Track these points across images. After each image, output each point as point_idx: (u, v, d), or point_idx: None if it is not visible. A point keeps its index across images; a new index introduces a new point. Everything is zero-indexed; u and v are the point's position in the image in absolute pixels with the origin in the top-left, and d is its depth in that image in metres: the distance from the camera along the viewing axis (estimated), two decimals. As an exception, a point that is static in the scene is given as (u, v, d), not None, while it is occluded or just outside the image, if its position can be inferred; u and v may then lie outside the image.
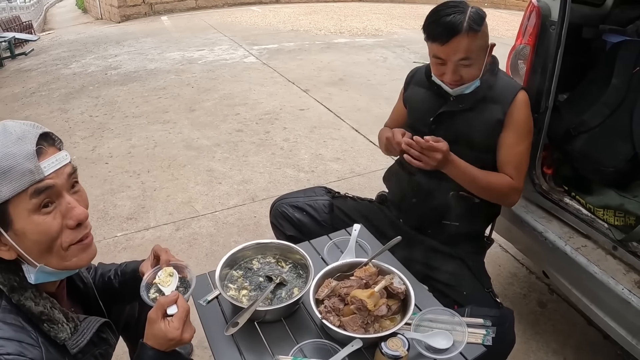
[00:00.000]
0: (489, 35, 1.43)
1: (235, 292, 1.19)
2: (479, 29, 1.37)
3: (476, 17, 1.37)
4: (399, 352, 0.96)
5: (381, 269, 1.18)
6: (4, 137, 0.82)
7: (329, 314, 1.05)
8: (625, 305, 1.42)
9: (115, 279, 1.26)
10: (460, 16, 1.36)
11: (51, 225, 0.85)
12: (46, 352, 0.86)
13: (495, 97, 1.49)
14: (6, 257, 0.85)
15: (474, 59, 1.40)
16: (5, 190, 0.79)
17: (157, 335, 0.93)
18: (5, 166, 0.79)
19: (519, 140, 1.49)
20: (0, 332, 0.82)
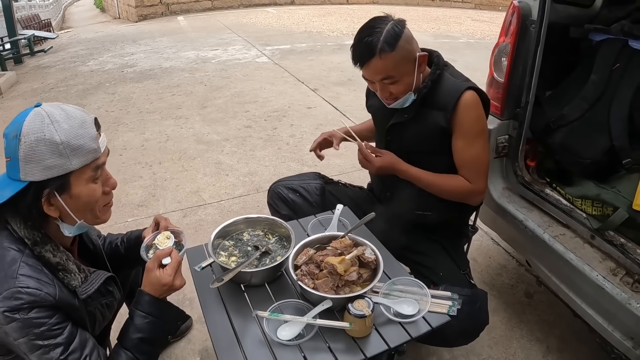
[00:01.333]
0: (413, 47, 1.42)
1: (225, 258, 1.33)
2: (392, 49, 1.36)
3: (389, 37, 1.36)
4: (364, 312, 1.07)
5: (356, 241, 1.29)
6: (70, 121, 1.00)
7: (305, 277, 1.17)
8: (600, 292, 1.49)
9: (122, 245, 1.44)
10: (372, 38, 1.36)
11: (97, 191, 1.07)
12: (59, 292, 1.01)
13: (438, 104, 1.48)
14: (52, 215, 1.03)
15: (397, 76, 1.41)
16: (75, 162, 0.99)
17: (153, 281, 1.10)
18: (76, 145, 0.99)
19: (469, 143, 1.48)
20: (22, 270, 0.98)
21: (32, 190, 0.99)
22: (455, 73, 1.55)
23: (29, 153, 0.96)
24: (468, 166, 1.51)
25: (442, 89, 1.48)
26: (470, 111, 1.46)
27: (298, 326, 1.10)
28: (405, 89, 1.45)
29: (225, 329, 1.16)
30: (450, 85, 1.48)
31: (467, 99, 1.45)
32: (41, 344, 0.97)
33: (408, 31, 1.42)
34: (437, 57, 1.54)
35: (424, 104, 1.50)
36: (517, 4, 1.71)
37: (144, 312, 1.11)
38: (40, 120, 0.97)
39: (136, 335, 1.10)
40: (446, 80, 1.50)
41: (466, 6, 13.85)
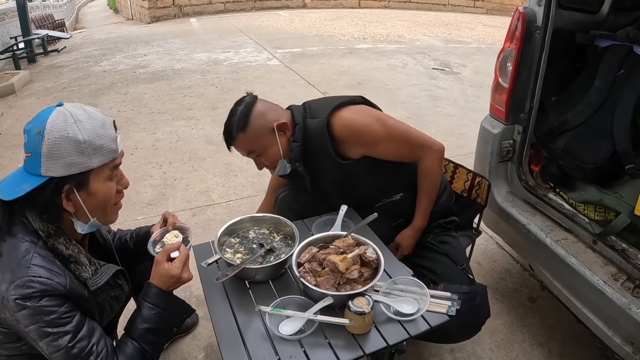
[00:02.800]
0: (267, 119, 1.49)
1: (231, 255, 1.37)
2: (244, 130, 1.47)
3: (240, 122, 1.47)
4: (363, 309, 1.10)
5: (359, 241, 1.33)
6: (92, 121, 1.05)
7: (307, 274, 1.20)
8: (601, 296, 1.50)
9: (131, 240, 1.49)
10: (229, 125, 1.50)
11: (112, 190, 1.13)
12: (70, 282, 1.06)
13: (315, 153, 1.54)
14: (69, 209, 1.08)
15: (259, 150, 1.51)
16: (95, 161, 1.05)
17: (161, 273, 1.15)
18: (98, 144, 1.05)
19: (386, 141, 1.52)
20: (35, 260, 1.02)
21: (53, 185, 1.03)
22: (315, 110, 1.57)
23: (52, 149, 1.00)
24: (408, 150, 1.56)
25: (311, 139, 1.53)
26: (355, 128, 1.49)
27: (299, 322, 1.13)
28: (272, 158, 1.53)
29: (228, 323, 1.20)
30: (313, 130, 1.52)
31: (340, 126, 1.49)
32: (50, 331, 1.01)
33: (261, 105, 1.51)
34: (292, 112, 1.58)
35: (307, 162, 1.56)
36: (522, 10, 1.73)
37: (151, 303, 1.16)
38: (64, 119, 1.02)
39: (143, 326, 1.14)
40: (309, 128, 1.53)
41: (478, 11, 13.82)
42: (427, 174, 1.60)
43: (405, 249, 1.66)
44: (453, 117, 4.67)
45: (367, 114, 1.54)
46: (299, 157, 1.53)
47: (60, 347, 1.02)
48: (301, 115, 1.55)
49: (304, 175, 1.59)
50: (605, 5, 2.01)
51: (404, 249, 1.66)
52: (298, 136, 1.52)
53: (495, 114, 1.98)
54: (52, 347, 1.02)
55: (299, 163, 1.54)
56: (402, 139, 1.55)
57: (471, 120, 4.46)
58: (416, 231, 1.65)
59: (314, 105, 1.59)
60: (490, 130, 1.96)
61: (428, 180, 1.61)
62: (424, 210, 1.64)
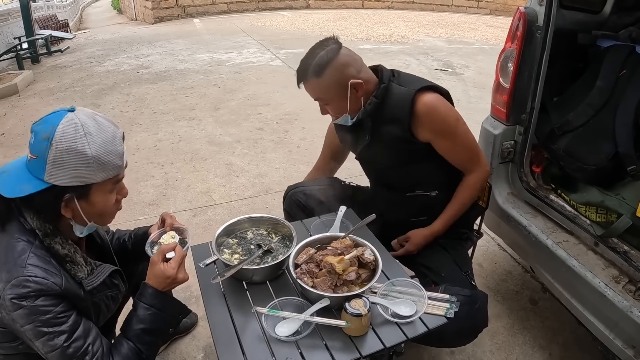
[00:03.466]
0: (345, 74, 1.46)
1: (228, 255, 1.37)
2: (319, 76, 1.44)
3: (317, 65, 1.44)
4: (360, 311, 1.09)
5: (357, 242, 1.32)
6: (102, 134, 1.05)
7: (304, 275, 1.20)
8: (602, 299, 1.49)
9: (129, 241, 1.49)
10: (307, 64, 1.46)
11: (112, 201, 1.13)
12: (66, 282, 1.06)
13: (391, 117, 1.52)
14: (66, 215, 1.08)
15: (326, 100, 1.50)
16: (99, 176, 1.05)
17: (157, 274, 1.15)
18: (105, 160, 1.04)
19: (452, 140, 1.54)
20: (31, 260, 1.02)
21: (54, 193, 1.04)
22: (405, 80, 1.56)
23: (58, 159, 1.00)
24: (465, 158, 1.58)
25: (391, 102, 1.51)
26: (434, 112, 1.49)
27: (296, 323, 1.13)
28: (338, 110, 1.52)
29: (225, 324, 1.19)
30: (398, 95, 1.51)
31: (423, 104, 1.48)
32: (46, 330, 1.01)
33: (343, 57, 1.46)
34: (381, 72, 1.57)
35: (376, 122, 1.54)
36: (523, 9, 1.72)
37: (147, 304, 1.15)
38: (74, 129, 1.01)
39: (138, 326, 1.14)
40: (394, 92, 1.52)
41: (481, 12, 13.79)
42: (468, 188, 1.62)
43: (413, 246, 1.63)
44: (456, 118, 4.65)
45: (450, 108, 1.55)
46: (373, 114, 1.52)
47: (55, 346, 1.02)
48: (388, 78, 1.54)
49: (366, 133, 1.57)
50: (608, 5, 1.99)
51: (412, 245, 1.63)
52: (380, 95, 1.51)
53: (496, 115, 1.96)
54: (47, 346, 1.02)
55: (369, 119, 1.53)
56: (466, 144, 1.57)
57: (474, 121, 4.39)
58: (432, 234, 1.64)
59: (404, 76, 1.59)
60: (491, 131, 1.95)
61: (466, 193, 1.62)
62: (449, 218, 1.63)
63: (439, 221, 1.63)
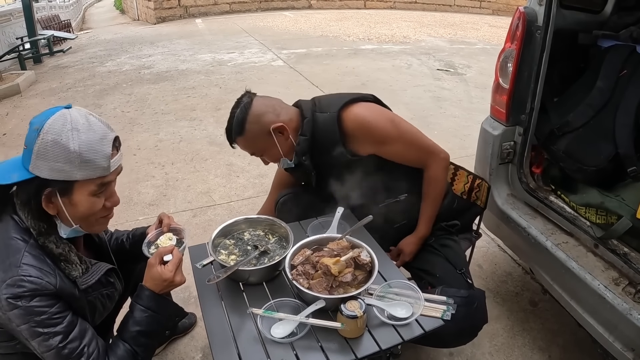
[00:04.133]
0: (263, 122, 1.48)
1: (225, 256, 1.37)
2: (242, 134, 1.48)
3: (237, 126, 1.47)
4: (355, 312, 1.09)
5: (353, 243, 1.31)
6: (91, 134, 1.03)
7: (300, 276, 1.19)
8: (602, 301, 1.48)
9: (127, 241, 1.50)
10: (229, 128, 1.51)
11: (97, 204, 1.10)
12: (60, 281, 1.06)
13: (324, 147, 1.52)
14: (49, 212, 1.07)
15: (259, 151, 1.55)
16: (80, 174, 1.03)
17: (154, 276, 1.15)
18: (87, 158, 1.02)
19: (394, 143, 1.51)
20: (25, 259, 1.03)
21: (36, 184, 1.04)
22: (325, 105, 1.55)
23: (42, 150, 1.00)
24: (416, 156, 1.56)
25: (320, 133, 1.52)
26: (365, 125, 1.49)
27: (291, 324, 1.12)
28: (274, 157, 1.57)
29: (221, 325, 1.19)
30: (323, 124, 1.51)
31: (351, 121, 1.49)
32: (41, 331, 1.01)
33: (257, 108, 1.48)
34: (301, 107, 1.58)
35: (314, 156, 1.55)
36: (522, 9, 1.71)
37: (143, 306, 1.15)
38: (62, 123, 1.01)
39: (135, 328, 1.14)
40: (318, 122, 1.52)
41: (484, 12, 13.76)
42: (433, 182, 1.60)
43: (407, 256, 1.65)
44: (457, 119, 4.64)
45: (379, 113, 1.53)
46: (306, 150, 1.53)
47: (51, 347, 1.03)
48: (310, 110, 1.55)
49: (310, 169, 1.58)
50: (609, 5, 1.98)
51: (406, 255, 1.65)
52: (306, 130, 1.51)
53: (495, 115, 1.95)
54: (43, 346, 1.03)
55: (305, 157, 1.54)
56: (411, 142, 1.55)
57: (475, 121, 4.39)
58: (419, 239, 1.65)
59: (324, 100, 1.59)
60: (490, 131, 1.94)
61: (433, 188, 1.60)
62: (428, 218, 1.63)
63: (421, 224, 1.64)
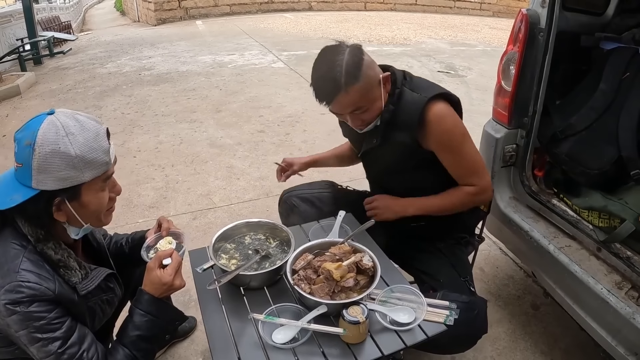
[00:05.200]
0: (375, 70, 1.38)
1: (226, 260, 1.36)
2: (357, 80, 1.32)
3: (351, 68, 1.31)
4: (358, 318, 1.08)
5: (355, 248, 1.30)
6: (85, 133, 1.02)
7: (301, 281, 1.18)
8: (605, 305, 1.47)
9: (126, 245, 1.49)
10: (335, 73, 1.31)
11: (105, 199, 1.11)
12: (59, 287, 1.05)
13: (401, 124, 1.45)
14: (60, 219, 1.07)
15: (366, 105, 1.38)
16: (87, 175, 1.03)
17: (153, 280, 1.14)
18: (90, 158, 1.02)
19: (457, 154, 1.48)
20: (24, 265, 1.02)
21: (45, 199, 1.02)
22: (416, 85, 1.50)
23: (42, 164, 0.98)
24: (467, 174, 1.51)
25: (403, 108, 1.44)
26: (442, 124, 1.43)
27: (293, 330, 1.11)
28: (376, 113, 1.44)
29: (222, 330, 1.18)
30: (411, 102, 1.44)
31: (434, 113, 1.42)
32: (40, 337, 1.00)
33: (367, 56, 1.38)
34: (393, 74, 1.48)
35: (388, 127, 1.48)
36: (525, 12, 1.70)
37: (143, 310, 1.14)
38: (55, 132, 0.99)
39: (134, 333, 1.13)
40: (406, 98, 1.45)
41: (484, 14, 13.77)
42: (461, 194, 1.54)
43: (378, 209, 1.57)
44: (458, 120, 4.63)
45: (457, 122, 1.48)
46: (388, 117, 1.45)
47: (50, 352, 1.02)
48: (400, 81, 1.47)
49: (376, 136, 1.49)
50: (611, 7, 1.97)
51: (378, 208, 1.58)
52: (395, 98, 1.44)
53: (498, 118, 1.94)
54: (42, 352, 1.02)
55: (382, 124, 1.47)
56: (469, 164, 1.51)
57: (476, 123, 4.37)
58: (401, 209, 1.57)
59: (415, 80, 1.52)
60: (492, 134, 1.93)
61: (456, 197, 1.54)
62: (427, 206, 1.56)
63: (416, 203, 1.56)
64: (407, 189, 1.61)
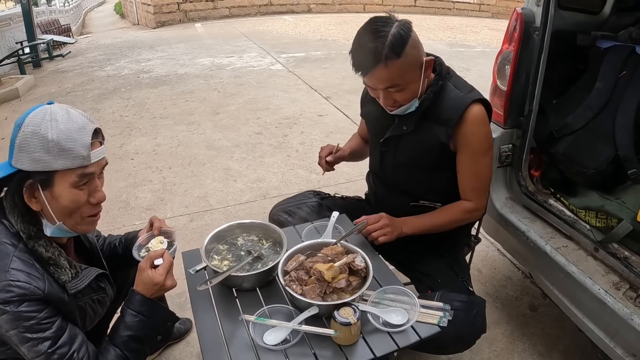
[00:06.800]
0: (420, 52, 1.33)
1: (218, 262, 1.35)
2: (399, 56, 1.26)
3: (396, 42, 1.25)
4: (349, 320, 1.06)
5: (348, 249, 1.29)
6: (69, 123, 1.03)
7: (293, 282, 1.17)
8: (602, 306, 1.45)
9: (119, 245, 1.48)
10: (377, 44, 1.25)
11: (80, 198, 1.08)
12: (49, 286, 1.04)
13: (439, 117, 1.41)
14: (33, 208, 1.06)
15: (402, 84, 1.32)
16: (59, 163, 1.01)
17: (145, 280, 1.13)
18: (66, 147, 1.01)
19: (476, 161, 1.44)
20: (14, 264, 1.02)
21: (18, 178, 1.04)
22: (459, 83, 1.47)
23: (22, 142, 1.01)
24: (472, 184, 1.47)
25: (445, 102, 1.41)
26: (478, 128, 1.40)
27: (284, 331, 1.10)
28: (410, 96, 1.37)
29: (213, 331, 1.17)
30: (453, 98, 1.41)
31: (474, 115, 1.39)
32: (30, 336, 1.00)
33: (415, 34, 1.31)
34: (439, 65, 1.45)
35: (424, 117, 1.44)
36: (520, 10, 1.69)
37: (134, 310, 1.14)
38: (42, 116, 1.02)
39: (126, 333, 1.12)
40: (449, 93, 1.42)
41: (483, 15, 13.78)
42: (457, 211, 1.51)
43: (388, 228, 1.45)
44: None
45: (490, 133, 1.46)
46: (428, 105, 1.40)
47: (40, 352, 1.02)
48: (444, 75, 1.44)
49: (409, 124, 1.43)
50: (607, 5, 1.97)
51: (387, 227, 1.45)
52: (435, 89, 1.40)
53: (493, 118, 1.93)
54: (32, 352, 1.02)
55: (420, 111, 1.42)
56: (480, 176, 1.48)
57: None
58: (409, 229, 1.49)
59: (458, 78, 1.48)
60: (488, 134, 1.92)
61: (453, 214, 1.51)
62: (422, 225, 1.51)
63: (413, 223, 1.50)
64: (419, 191, 1.55)
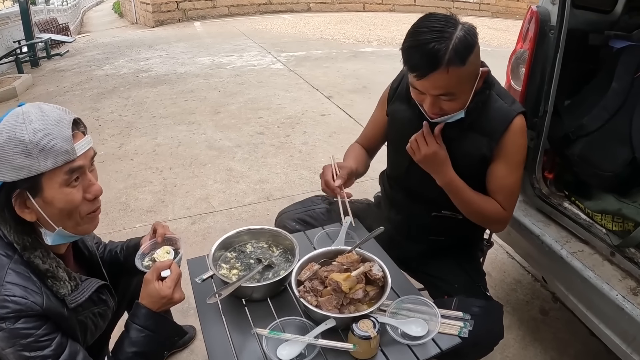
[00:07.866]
0: (479, 61, 1.25)
1: (226, 271, 1.28)
2: (463, 64, 1.16)
3: (461, 48, 1.15)
4: (369, 333, 1.01)
5: (364, 257, 1.24)
6: (44, 120, 0.95)
7: (307, 293, 1.12)
8: (619, 312, 1.42)
9: (121, 253, 1.41)
10: (442, 45, 1.14)
11: (75, 197, 1.00)
12: (47, 300, 0.98)
13: (483, 128, 1.34)
14: (28, 219, 0.98)
15: (456, 93, 1.23)
16: (44, 164, 0.93)
17: (152, 293, 1.07)
18: (46, 145, 0.93)
19: (510, 171, 1.38)
20: (9, 277, 0.95)
21: (4, 191, 0.95)
22: (502, 92, 1.40)
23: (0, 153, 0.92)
24: (503, 194, 1.41)
25: (490, 113, 1.34)
26: (518, 139, 1.35)
27: (299, 346, 1.05)
28: (458, 107, 1.28)
29: (223, 345, 1.11)
30: (498, 109, 1.34)
31: (517, 126, 1.34)
32: (28, 355, 0.94)
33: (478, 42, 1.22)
34: (487, 74, 1.35)
35: (469, 127, 1.36)
36: (535, 9, 1.65)
37: (140, 325, 1.08)
38: (14, 120, 0.94)
39: (131, 349, 1.06)
40: (494, 103, 1.35)
41: (483, 14, 13.74)
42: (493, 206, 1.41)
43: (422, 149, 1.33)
44: (459, 121, 4.58)
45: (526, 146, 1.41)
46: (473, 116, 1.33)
47: None
48: (490, 83, 1.35)
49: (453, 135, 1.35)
50: (619, 4, 1.92)
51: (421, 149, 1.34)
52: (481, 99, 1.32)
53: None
54: None
55: None
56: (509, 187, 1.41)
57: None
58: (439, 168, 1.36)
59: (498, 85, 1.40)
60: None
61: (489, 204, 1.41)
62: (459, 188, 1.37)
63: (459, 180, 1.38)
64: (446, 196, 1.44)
